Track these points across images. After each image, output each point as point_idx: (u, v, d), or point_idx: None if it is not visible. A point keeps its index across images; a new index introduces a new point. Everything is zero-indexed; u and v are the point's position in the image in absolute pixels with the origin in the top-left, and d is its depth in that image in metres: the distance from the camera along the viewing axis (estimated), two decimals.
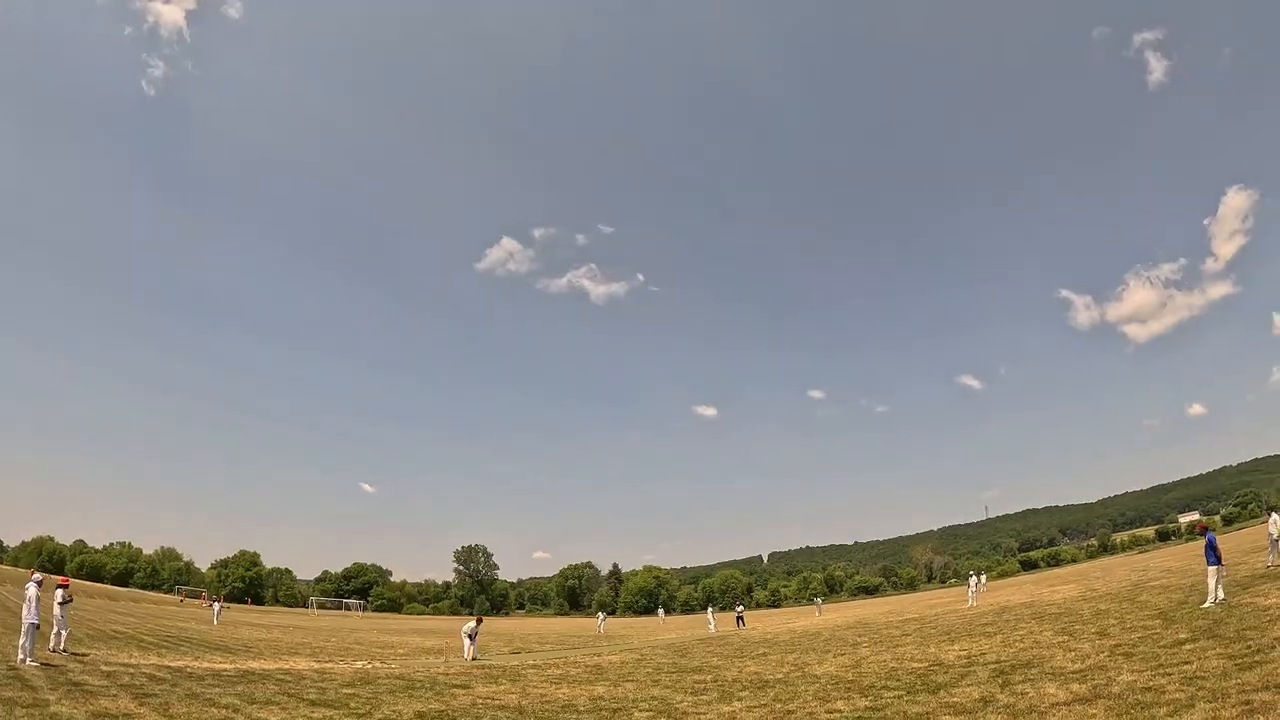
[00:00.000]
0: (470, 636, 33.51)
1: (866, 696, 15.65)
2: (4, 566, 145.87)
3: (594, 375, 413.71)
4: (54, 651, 23.48)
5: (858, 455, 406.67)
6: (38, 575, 23.35)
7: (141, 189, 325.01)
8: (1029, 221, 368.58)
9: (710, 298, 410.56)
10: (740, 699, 17.14)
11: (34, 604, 21.28)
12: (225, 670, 24.04)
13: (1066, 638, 21.25)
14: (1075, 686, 13.47)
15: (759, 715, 14.52)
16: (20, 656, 20.58)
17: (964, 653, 21.46)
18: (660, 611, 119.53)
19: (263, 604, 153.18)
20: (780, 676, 21.27)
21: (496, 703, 18.24)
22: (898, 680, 17.65)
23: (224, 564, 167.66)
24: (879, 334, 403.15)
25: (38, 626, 21.45)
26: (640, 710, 16.29)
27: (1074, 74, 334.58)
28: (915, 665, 20.17)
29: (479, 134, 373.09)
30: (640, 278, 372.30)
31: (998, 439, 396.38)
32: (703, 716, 14.89)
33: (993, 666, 17.68)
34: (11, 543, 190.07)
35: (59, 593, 24.56)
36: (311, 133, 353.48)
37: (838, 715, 13.70)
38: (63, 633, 24.17)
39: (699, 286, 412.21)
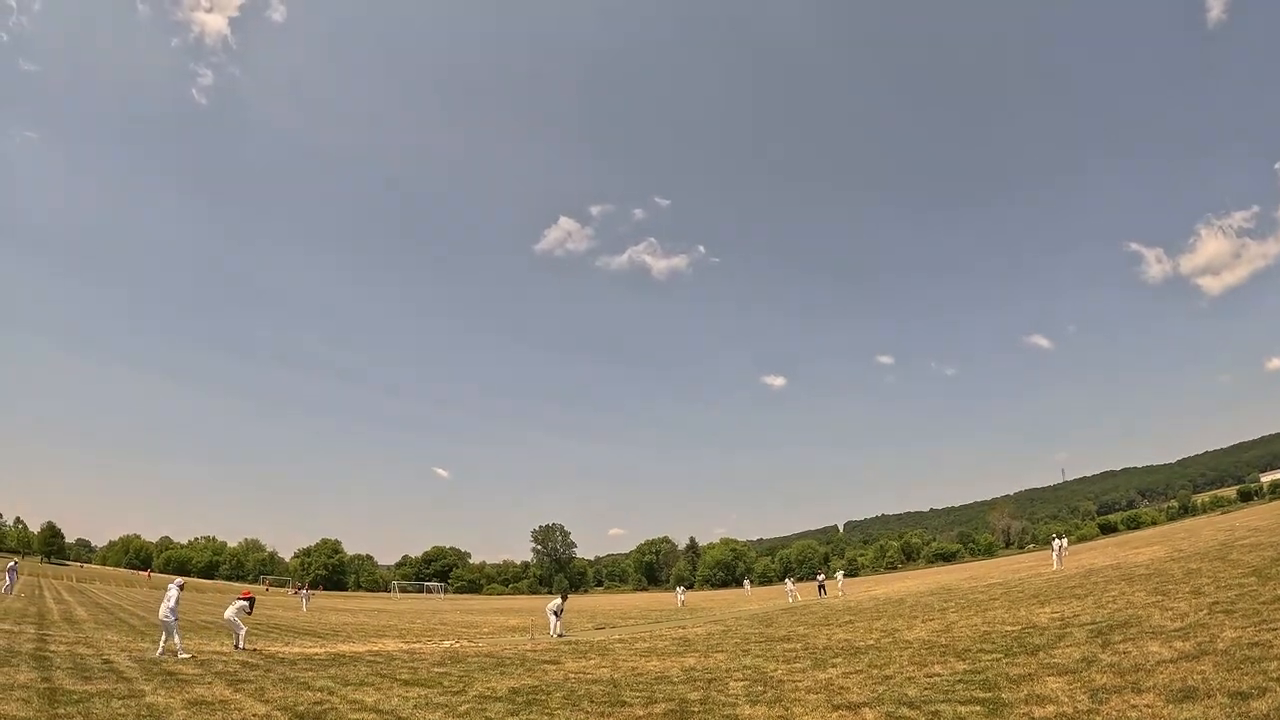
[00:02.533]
0: (556, 613, 33.97)
1: (963, 660, 15.66)
2: (93, 566, 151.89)
3: (660, 350, 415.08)
4: (237, 649, 24.68)
5: (929, 420, 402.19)
6: (179, 579, 24.74)
7: (202, 195, 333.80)
8: (1094, 174, 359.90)
9: (773, 267, 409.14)
10: (835, 665, 17.20)
11: (174, 603, 22.30)
12: (317, 654, 24.69)
13: (1160, 597, 20.98)
14: (1179, 644, 13.36)
15: (856, 681, 14.56)
16: (182, 655, 21.46)
17: (1056, 615, 21.27)
18: (746, 583, 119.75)
19: (345, 590, 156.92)
20: (871, 643, 21.27)
21: (589, 677, 18.42)
22: (993, 643, 17.62)
23: (307, 553, 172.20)
24: (945, 296, 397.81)
25: (177, 621, 22.46)
26: (735, 680, 16.40)
27: (1131, 15, 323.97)
28: (1008, 628, 20.06)
29: (528, 116, 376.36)
30: (701, 250, 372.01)
31: (1071, 399, 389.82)
32: (799, 684, 14.94)
33: (1089, 627, 17.54)
34: (100, 543, 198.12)
35: (243, 603, 25.87)
36: (363, 127, 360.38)
37: (937, 679, 13.73)
38: (240, 633, 25.46)
39: (761, 256, 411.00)
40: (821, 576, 64.05)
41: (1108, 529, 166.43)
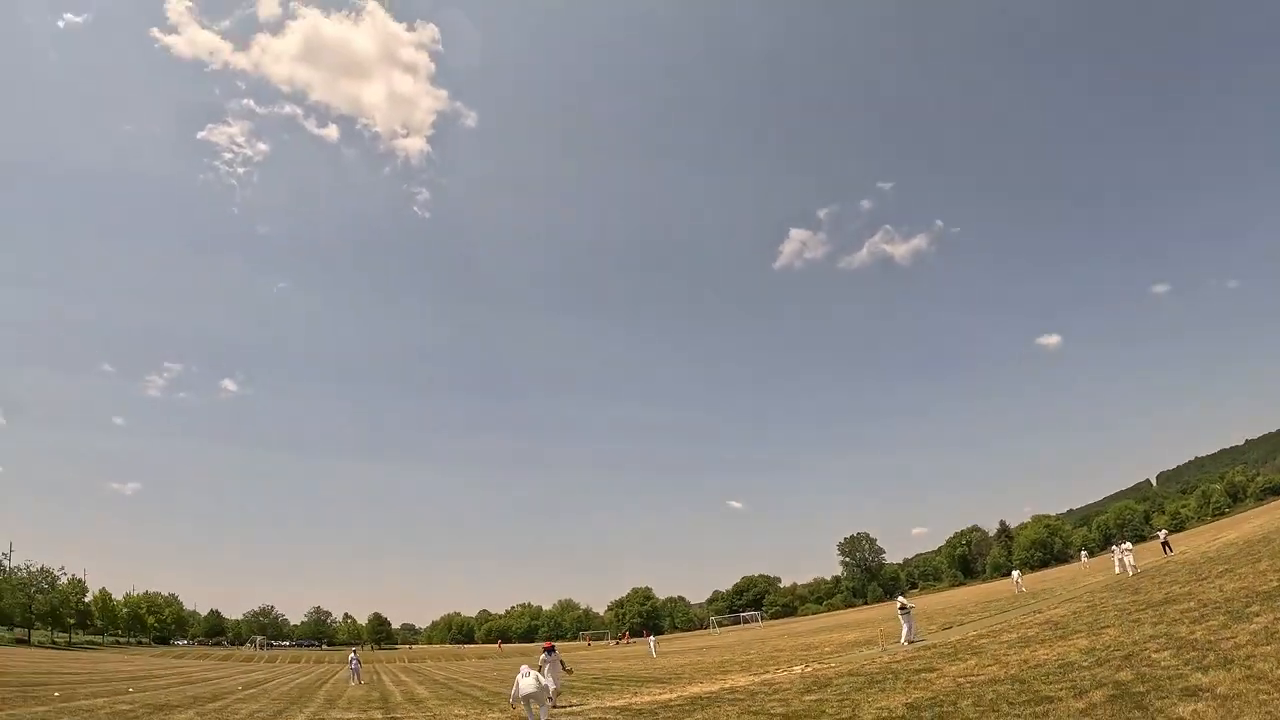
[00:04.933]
0: (904, 611, 33.04)
1: None
2: (420, 646, 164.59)
3: (922, 337, 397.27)
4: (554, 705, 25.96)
5: (1221, 344, 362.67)
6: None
7: (444, 298, 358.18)
8: None
9: (1019, 220, 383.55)
10: (1256, 615, 15.43)
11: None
12: (671, 700, 23.85)
13: None
14: None
15: None
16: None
17: None
18: (1084, 554, 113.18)
19: (663, 633, 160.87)
20: (1276, 585, 18.97)
21: (982, 678, 17.00)
22: None
23: (620, 604, 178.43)
24: (1210, 205, 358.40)
25: (549, 689, 23.17)
26: (1155, 651, 14.92)
27: None
28: None
29: (727, 136, 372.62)
30: (939, 223, 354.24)
31: None
32: (1235, 640, 13.55)
33: None
34: (423, 624, 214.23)
35: (544, 656, 26.68)
36: (575, 193, 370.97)
37: None
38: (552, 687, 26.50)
39: (1002, 213, 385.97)
40: (1165, 533, 59.96)
41: None
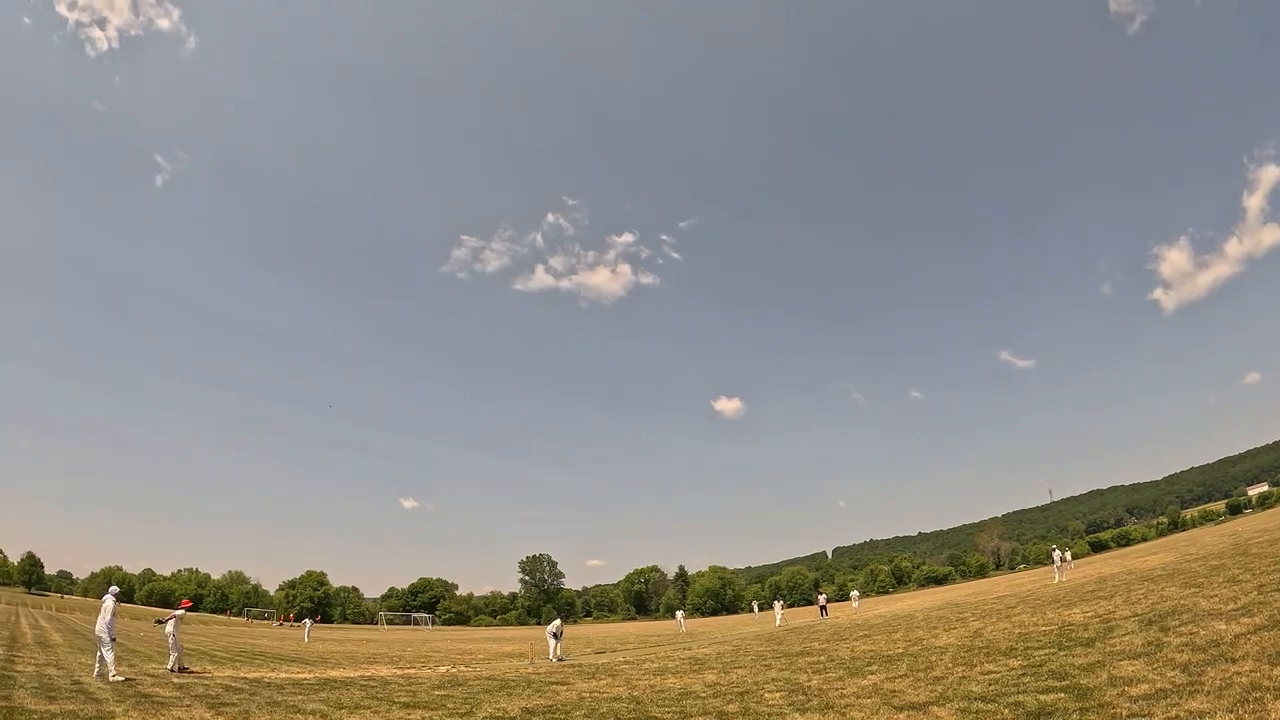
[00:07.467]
0: (556, 636, 33.12)
1: (1014, 657, 14.73)
2: (75, 597, 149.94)
3: (610, 377, 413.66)
4: (171, 671, 23.12)
5: (910, 445, 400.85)
6: (115, 588, 21.98)
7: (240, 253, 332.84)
8: (1060, 193, 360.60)
9: (725, 292, 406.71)
10: (873, 673, 16.15)
11: (109, 616, 20.23)
12: (305, 679, 23.55)
13: (1194, 590, 20.15)
14: (1247, 620, 12.67)
15: (906, 684, 13.58)
16: (99, 671, 20.04)
17: (1091, 614, 20.32)
18: (755, 606, 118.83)
19: (331, 622, 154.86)
20: (900, 651, 20.22)
21: (605, 695, 17.39)
22: (1036, 641, 16.67)
23: (292, 585, 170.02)
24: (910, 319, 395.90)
25: (115, 640, 20.48)
26: (769, 691, 15.34)
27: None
28: (1044, 629, 19.07)
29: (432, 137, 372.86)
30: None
31: (1054, 419, 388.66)
32: (843, 690, 13.95)
33: (1136, 619, 16.68)
34: (81, 575, 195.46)
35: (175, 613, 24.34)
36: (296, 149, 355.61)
37: (996, 676, 12.78)
38: (175, 653, 23.94)
39: (705, 275, 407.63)
40: (824, 597, 63.14)
41: (1098, 546, 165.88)
